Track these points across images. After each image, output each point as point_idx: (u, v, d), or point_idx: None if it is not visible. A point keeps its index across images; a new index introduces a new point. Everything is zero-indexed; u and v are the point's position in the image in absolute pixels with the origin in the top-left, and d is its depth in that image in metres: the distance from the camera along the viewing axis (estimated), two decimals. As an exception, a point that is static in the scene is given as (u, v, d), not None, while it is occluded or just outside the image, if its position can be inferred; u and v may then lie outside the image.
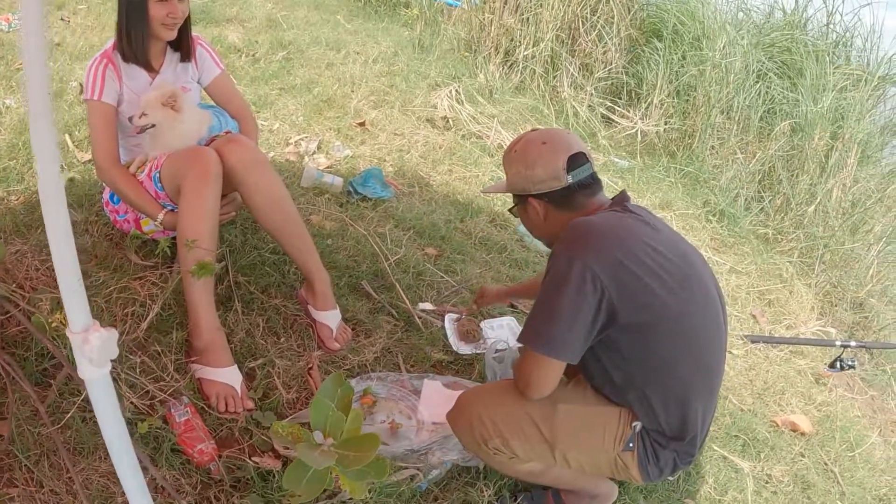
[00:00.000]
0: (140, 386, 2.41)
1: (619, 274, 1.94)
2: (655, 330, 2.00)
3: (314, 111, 4.93)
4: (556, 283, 1.97)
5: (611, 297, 1.92)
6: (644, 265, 1.97)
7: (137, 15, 2.67)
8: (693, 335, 2.06)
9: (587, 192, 2.15)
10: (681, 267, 2.04)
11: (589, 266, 1.92)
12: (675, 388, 2.05)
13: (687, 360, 2.05)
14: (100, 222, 3.13)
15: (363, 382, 2.72)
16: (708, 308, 2.09)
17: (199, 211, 2.54)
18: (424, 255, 3.65)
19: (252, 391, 2.57)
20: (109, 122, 2.77)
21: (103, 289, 2.73)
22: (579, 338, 1.96)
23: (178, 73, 2.96)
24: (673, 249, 2.06)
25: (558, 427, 2.12)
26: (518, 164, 2.17)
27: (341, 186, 3.98)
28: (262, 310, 2.94)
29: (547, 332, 1.97)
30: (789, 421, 3.50)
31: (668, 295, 1.97)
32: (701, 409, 2.11)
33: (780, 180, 5.99)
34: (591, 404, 2.15)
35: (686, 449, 2.14)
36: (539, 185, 2.14)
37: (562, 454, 2.15)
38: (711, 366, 2.13)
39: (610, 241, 1.99)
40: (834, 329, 5.00)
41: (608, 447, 2.12)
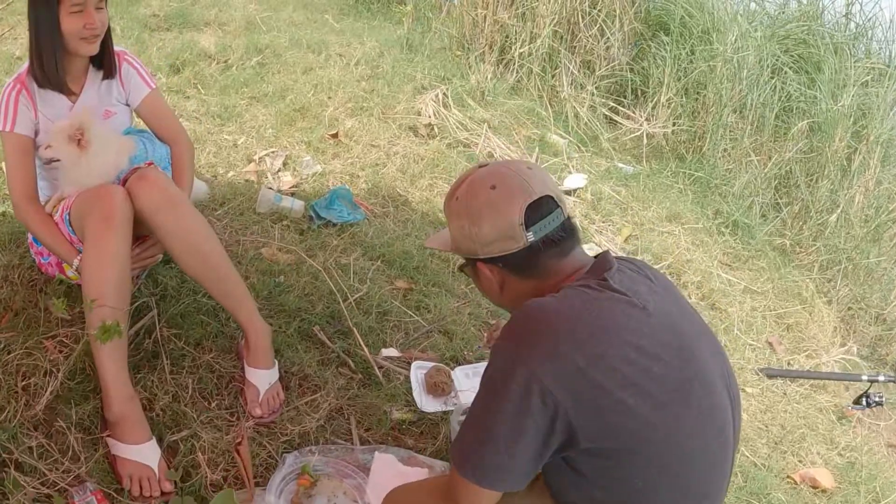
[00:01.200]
0: (40, 471, 2.12)
1: (578, 386, 1.46)
2: (632, 457, 1.51)
3: (285, 122, 4.54)
4: (492, 392, 1.52)
5: (567, 415, 1.45)
6: (617, 373, 1.47)
7: (48, 32, 2.38)
8: (690, 461, 1.57)
9: (556, 252, 1.63)
10: (675, 369, 1.53)
11: (536, 376, 1.45)
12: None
13: (677, 492, 1.57)
14: (23, 265, 2.83)
15: (302, 458, 2.33)
16: (712, 421, 1.60)
17: (102, 263, 2.25)
18: (393, 290, 3.25)
19: (172, 470, 2.22)
20: (25, 156, 2.50)
21: (3, 355, 2.42)
22: (521, 465, 1.51)
23: (102, 94, 2.66)
24: (666, 342, 1.55)
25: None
26: (462, 217, 1.65)
27: (302, 211, 3.59)
28: (193, 368, 2.59)
29: (478, 456, 1.53)
30: (809, 476, 3.14)
31: (650, 413, 1.48)
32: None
33: (798, 185, 5.59)
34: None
35: None
36: (488, 246, 1.63)
37: None
38: (711, 494, 1.64)
39: (569, 341, 1.49)
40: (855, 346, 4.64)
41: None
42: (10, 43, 5.17)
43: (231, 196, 3.65)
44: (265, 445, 2.38)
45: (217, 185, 3.77)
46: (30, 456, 2.13)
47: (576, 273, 1.64)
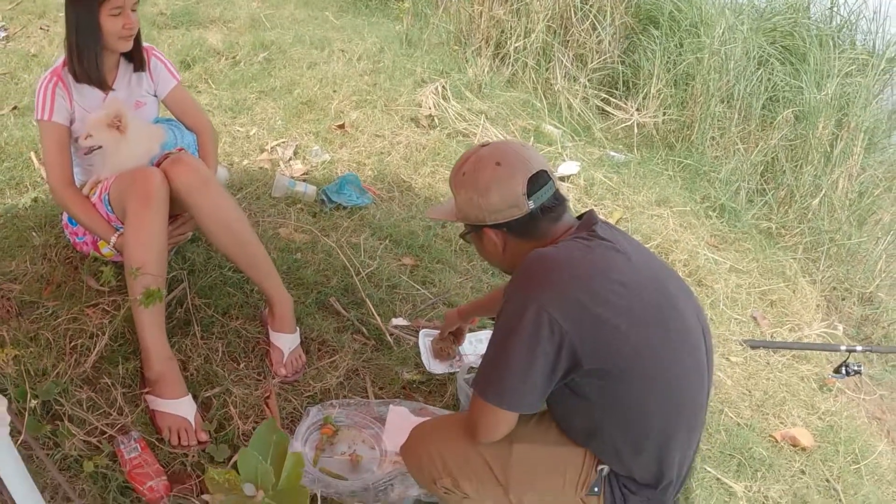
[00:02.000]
0: (88, 422, 2.31)
1: (580, 317, 1.72)
2: (625, 375, 1.77)
3: (293, 114, 4.75)
4: (508, 327, 1.76)
5: (572, 342, 1.71)
6: (610, 305, 1.74)
7: (89, 32, 2.57)
8: (670, 378, 1.83)
9: (551, 217, 1.90)
10: (655, 301, 1.82)
11: (546, 309, 1.70)
12: (648, 436, 1.84)
13: (662, 405, 1.83)
14: (59, 245, 3.02)
15: (324, 410, 2.55)
16: (687, 344, 1.86)
17: (144, 235, 2.44)
18: (400, 266, 3.48)
19: (207, 422, 2.44)
20: (62, 143, 2.67)
21: (52, 320, 2.62)
22: (535, 388, 1.76)
23: (133, 86, 2.85)
24: (646, 280, 1.84)
25: (513, 469, 1.93)
26: (469, 190, 1.90)
27: (315, 195, 3.81)
28: (222, 334, 2.80)
29: (498, 381, 1.77)
30: (789, 435, 3.33)
31: (639, 336, 1.76)
32: (678, 455, 1.89)
33: (784, 171, 5.79)
34: (553, 444, 1.94)
35: (659, 497, 1.92)
36: (495, 214, 1.88)
37: (517, 497, 1.95)
38: (690, 408, 1.89)
39: (570, 280, 1.76)
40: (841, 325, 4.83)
41: (569, 491, 1.92)
42: (23, 41, 5.37)
43: (248, 182, 3.87)
44: (290, 400, 2.61)
45: (234, 172, 3.99)
46: (79, 409, 2.33)
47: (567, 231, 1.92)
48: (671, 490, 1.94)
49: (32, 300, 2.71)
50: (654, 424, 1.83)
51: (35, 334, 2.54)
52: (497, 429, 1.85)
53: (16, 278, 2.80)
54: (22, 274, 2.83)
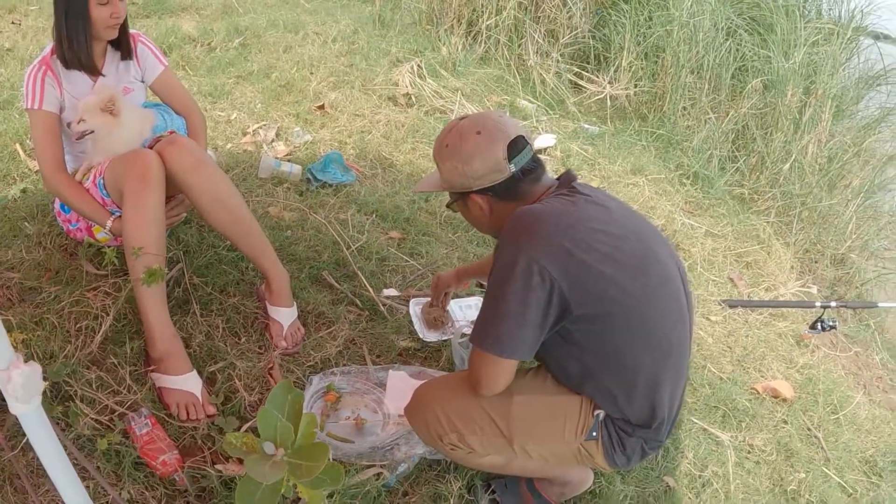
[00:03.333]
0: (98, 401, 2.35)
1: (568, 264, 1.82)
2: (612, 319, 1.88)
3: (272, 97, 4.80)
4: (502, 278, 1.86)
5: (561, 289, 1.81)
6: (595, 252, 1.84)
7: (79, 19, 2.59)
8: (654, 320, 1.93)
9: (532, 178, 2.02)
10: (636, 248, 1.92)
11: (535, 259, 1.80)
12: (638, 377, 1.94)
13: (649, 346, 1.93)
14: (52, 233, 3.04)
15: (326, 378, 2.63)
16: (668, 288, 1.97)
17: (142, 216, 2.47)
18: (388, 240, 3.56)
19: (213, 396, 2.49)
20: (52, 131, 2.69)
21: (55, 304, 2.66)
22: (530, 335, 1.85)
23: (121, 72, 2.88)
24: (626, 230, 1.94)
25: (515, 420, 2.03)
26: (453, 160, 2.01)
27: (300, 174, 3.88)
28: (220, 310, 2.85)
29: (495, 331, 1.87)
30: (770, 387, 3.44)
31: (623, 281, 1.86)
32: (668, 395, 2.00)
33: (755, 139, 5.92)
34: (551, 394, 2.05)
35: (653, 436, 2.04)
36: (479, 179, 1.99)
37: (521, 447, 2.05)
38: (676, 349, 1.99)
39: (557, 230, 1.86)
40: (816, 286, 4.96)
41: (569, 438, 2.02)
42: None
43: (234, 164, 3.93)
44: (293, 370, 2.68)
45: (219, 155, 4.04)
46: (89, 389, 2.37)
47: (548, 191, 2.02)
48: (664, 428, 2.04)
49: (33, 286, 2.74)
50: (642, 366, 1.93)
51: (40, 318, 2.57)
52: (498, 379, 1.94)
53: (13, 267, 2.83)
54: (19, 262, 2.85)
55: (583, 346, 1.91)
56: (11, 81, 4.47)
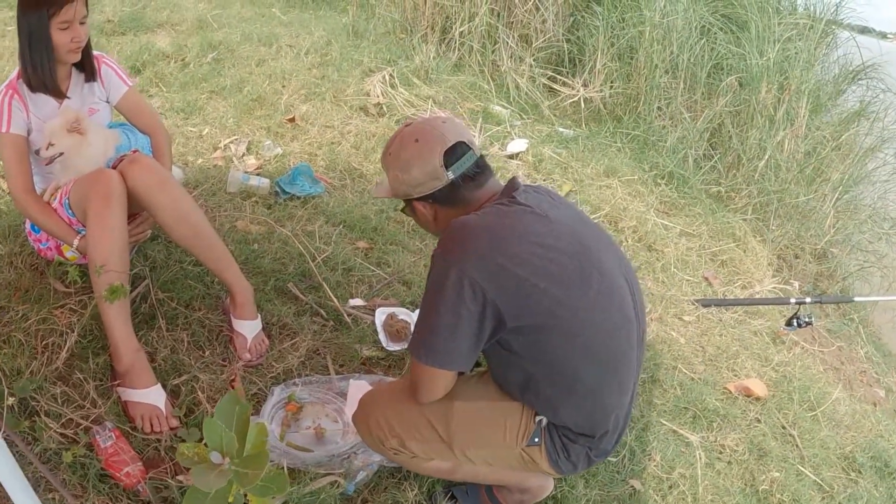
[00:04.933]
0: (64, 415, 2.37)
1: (500, 278, 1.80)
2: (549, 330, 1.86)
3: (244, 111, 4.81)
4: (435, 290, 1.85)
5: (494, 302, 1.79)
6: (529, 265, 1.82)
7: (41, 44, 2.61)
8: (594, 331, 1.90)
9: (474, 185, 1.99)
10: (574, 260, 1.88)
11: (466, 273, 1.79)
12: (578, 386, 1.92)
13: (589, 357, 1.91)
14: (24, 253, 3.06)
15: (287, 389, 2.63)
16: (611, 299, 1.93)
17: (105, 234, 2.50)
18: (355, 250, 3.56)
19: (177, 408, 2.51)
20: (20, 153, 2.71)
21: (22, 322, 2.67)
22: (465, 346, 1.85)
23: (85, 94, 2.89)
24: (565, 241, 1.90)
25: (454, 425, 2.03)
26: (395, 168, 2.01)
27: (269, 187, 3.88)
28: (186, 324, 2.86)
29: (430, 343, 1.87)
30: (743, 386, 3.44)
31: (558, 293, 1.83)
32: (612, 405, 1.99)
33: (730, 136, 5.95)
34: (491, 399, 2.05)
35: (598, 445, 2.04)
36: (419, 187, 1.99)
37: (461, 451, 2.06)
38: (620, 361, 1.97)
39: (489, 245, 1.84)
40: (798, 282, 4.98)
41: (510, 443, 2.02)
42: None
43: (203, 180, 3.93)
44: (255, 381, 2.68)
45: (189, 171, 4.04)
46: (55, 403, 2.39)
47: (492, 198, 2.01)
48: (608, 439, 2.04)
49: (2, 305, 2.76)
50: (581, 376, 1.91)
51: (7, 337, 2.60)
52: (435, 388, 1.96)
53: (-16, 287, 2.85)
54: (-10, 283, 2.88)
55: (521, 356, 1.90)
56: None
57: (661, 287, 4.09)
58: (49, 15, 2.55)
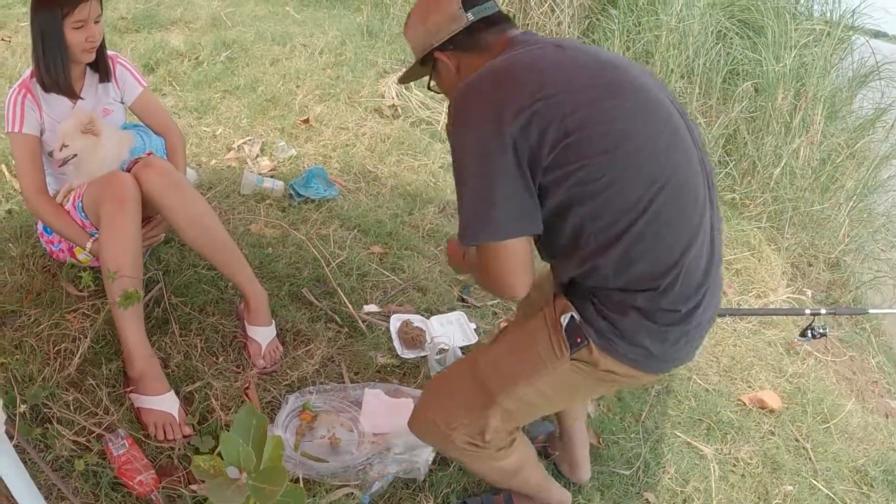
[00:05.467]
0: (76, 423, 2.36)
1: (528, 114, 1.65)
2: (589, 157, 1.66)
3: (258, 111, 4.79)
4: (464, 154, 1.74)
5: (526, 138, 1.65)
6: (555, 95, 1.67)
7: (55, 43, 2.60)
8: (640, 147, 1.69)
9: (495, 30, 1.91)
10: (599, 75, 1.74)
11: (495, 119, 1.67)
12: (625, 217, 1.69)
13: (638, 176, 1.69)
14: (36, 254, 3.06)
15: (302, 397, 2.61)
16: (649, 110, 1.74)
17: (119, 239, 2.49)
18: (370, 255, 3.54)
19: (190, 416, 2.50)
20: (33, 154, 2.71)
21: (34, 327, 2.67)
22: (517, 200, 1.68)
23: (100, 94, 2.89)
24: (584, 61, 1.77)
25: (484, 374, 1.94)
26: (415, 24, 1.98)
27: (283, 190, 3.87)
28: (199, 330, 2.85)
29: (481, 215, 1.71)
30: (757, 398, 3.41)
31: (589, 109, 1.68)
32: (675, 245, 1.72)
33: (745, 143, 5.89)
34: (510, 333, 2.02)
35: (661, 302, 1.74)
36: (439, 33, 1.91)
37: (510, 400, 1.91)
38: (681, 187, 1.73)
39: (514, 85, 1.71)
40: (811, 291, 4.94)
41: (552, 360, 1.83)
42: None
43: (216, 181, 3.92)
44: (269, 389, 2.67)
45: (202, 172, 4.03)
46: (67, 410, 2.38)
47: (513, 44, 1.87)
48: (677, 288, 1.74)
49: (13, 309, 2.75)
50: (628, 200, 1.69)
51: (19, 342, 2.59)
52: (512, 265, 1.73)
53: (-5, 290, 2.85)
54: (1, 285, 2.87)
55: (573, 203, 1.70)
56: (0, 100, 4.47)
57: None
58: (63, 14, 2.54)
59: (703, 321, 1.82)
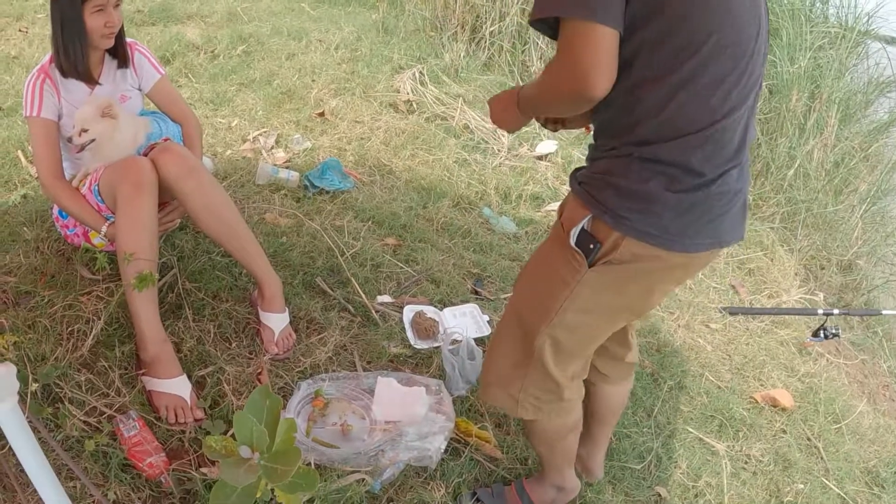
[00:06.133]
0: (88, 403, 2.38)
1: None
2: None
3: (273, 104, 4.82)
4: None
5: None
6: None
7: (74, 28, 2.62)
8: None
9: None
10: None
11: None
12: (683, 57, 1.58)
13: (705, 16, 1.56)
14: (50, 238, 3.08)
15: (314, 384, 2.63)
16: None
17: (135, 222, 2.51)
18: (384, 246, 3.55)
19: (202, 399, 2.51)
20: (51, 138, 2.73)
21: (48, 308, 2.69)
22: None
23: (118, 81, 2.91)
24: None
25: (525, 318, 1.93)
26: None
27: (298, 181, 3.88)
28: (212, 316, 2.86)
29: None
30: (770, 396, 3.40)
31: None
32: (723, 95, 1.62)
33: (759, 144, 5.88)
34: (529, 271, 1.98)
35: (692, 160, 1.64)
36: None
37: (559, 328, 1.86)
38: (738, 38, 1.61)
39: None
40: (823, 293, 4.92)
41: (573, 274, 1.78)
42: (3, 43, 5.38)
43: (232, 171, 3.94)
44: (282, 376, 2.68)
45: (218, 162, 4.05)
46: (78, 391, 2.40)
47: None
48: (706, 151, 1.64)
49: (28, 290, 2.77)
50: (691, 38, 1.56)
51: (33, 322, 2.61)
52: (601, 54, 1.51)
53: (10, 271, 2.87)
54: (16, 267, 2.89)
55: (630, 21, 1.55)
56: (16, 89, 4.53)
57: (689, 293, 4.06)
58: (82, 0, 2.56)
59: (729, 196, 1.71)
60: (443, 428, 2.48)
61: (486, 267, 3.61)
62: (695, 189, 1.65)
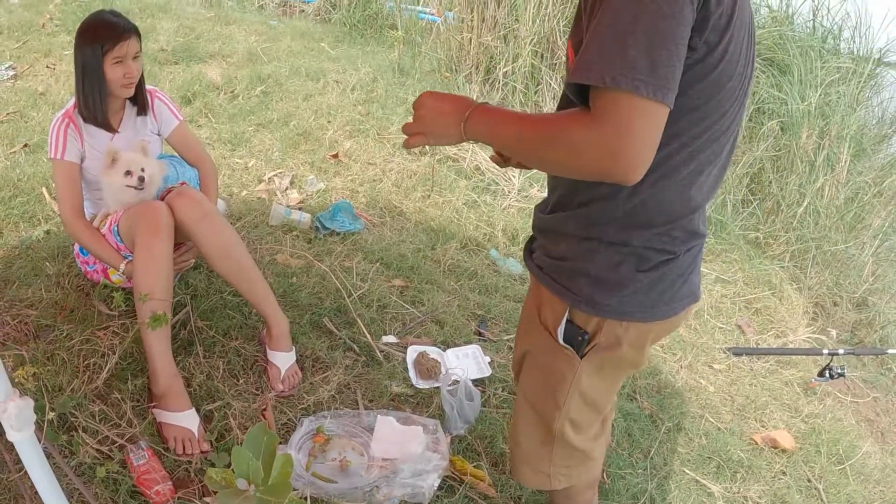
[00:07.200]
0: (100, 432, 2.51)
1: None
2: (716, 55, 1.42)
3: (290, 145, 4.94)
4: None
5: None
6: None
7: (94, 79, 2.80)
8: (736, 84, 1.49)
9: None
10: None
11: None
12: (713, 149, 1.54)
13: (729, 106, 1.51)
14: (71, 273, 3.23)
15: (317, 421, 2.72)
16: (751, 49, 1.55)
17: (152, 264, 2.65)
18: (390, 287, 3.64)
19: (209, 433, 2.62)
20: (73, 179, 2.89)
21: (67, 341, 2.83)
22: (680, 59, 1.33)
23: (138, 127, 3.07)
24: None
25: (536, 408, 1.98)
26: None
27: (309, 222, 3.99)
28: (222, 353, 2.98)
29: (648, 56, 1.28)
30: (770, 437, 3.42)
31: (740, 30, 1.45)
32: (714, 181, 1.63)
33: (770, 182, 5.92)
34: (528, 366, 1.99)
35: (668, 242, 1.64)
36: None
37: (571, 411, 1.90)
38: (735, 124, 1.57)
39: None
40: (835, 330, 4.93)
41: (570, 367, 1.81)
42: (31, 79, 5.53)
43: (246, 212, 4.06)
44: (286, 412, 2.78)
45: (233, 202, 4.18)
46: (92, 420, 2.53)
47: None
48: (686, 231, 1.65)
49: (48, 324, 2.92)
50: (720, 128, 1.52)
51: (51, 354, 2.76)
52: (650, 133, 1.32)
53: (32, 305, 3.02)
54: (37, 300, 3.04)
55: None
56: (43, 126, 4.67)
57: (693, 334, 4.11)
58: (103, 51, 2.73)
59: (695, 252, 1.72)
60: (437, 466, 2.56)
61: (490, 308, 3.69)
62: (665, 263, 1.65)
